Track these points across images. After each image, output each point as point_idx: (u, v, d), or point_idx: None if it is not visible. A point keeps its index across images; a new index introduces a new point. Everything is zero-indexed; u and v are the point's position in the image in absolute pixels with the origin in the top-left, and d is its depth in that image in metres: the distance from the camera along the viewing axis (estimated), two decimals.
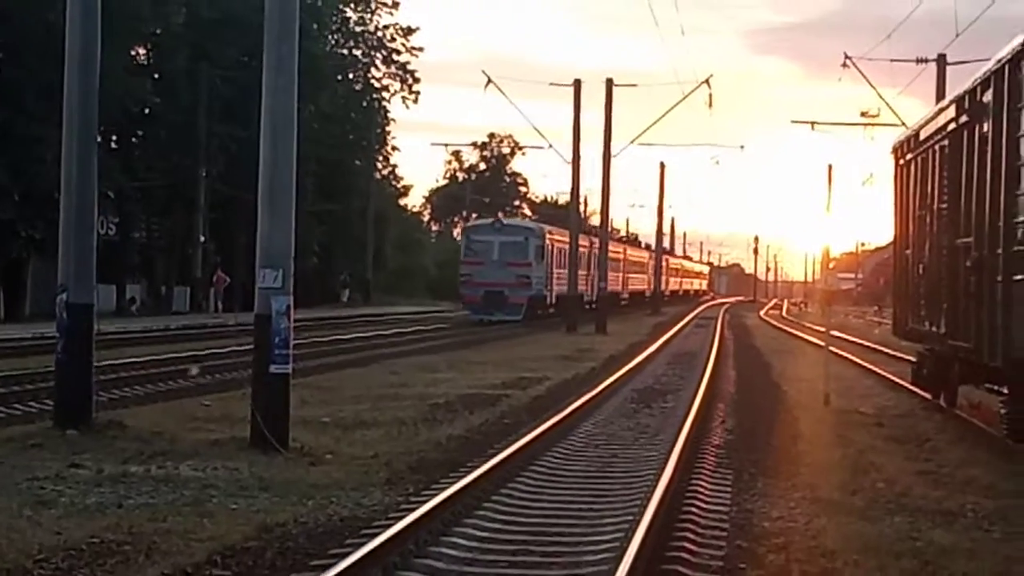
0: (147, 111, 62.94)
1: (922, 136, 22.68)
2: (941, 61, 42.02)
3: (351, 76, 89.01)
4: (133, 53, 58.56)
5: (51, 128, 37.86)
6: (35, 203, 47.94)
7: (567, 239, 65.62)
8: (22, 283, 57.01)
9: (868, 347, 43.46)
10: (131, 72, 56.22)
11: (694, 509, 12.88)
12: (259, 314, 17.17)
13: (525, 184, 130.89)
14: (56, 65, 19.22)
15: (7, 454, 15.94)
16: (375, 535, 10.60)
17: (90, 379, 18.28)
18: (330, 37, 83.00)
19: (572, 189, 63.04)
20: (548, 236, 66.58)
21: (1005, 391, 17.96)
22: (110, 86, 22.19)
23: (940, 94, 37.64)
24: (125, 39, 51.18)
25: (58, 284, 18.45)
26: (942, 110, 21.52)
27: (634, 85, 76.24)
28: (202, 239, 68.05)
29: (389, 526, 11.00)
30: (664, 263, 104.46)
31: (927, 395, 24.09)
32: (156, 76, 63.91)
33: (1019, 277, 15.40)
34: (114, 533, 11.33)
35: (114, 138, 59.31)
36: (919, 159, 22.73)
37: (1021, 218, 15.41)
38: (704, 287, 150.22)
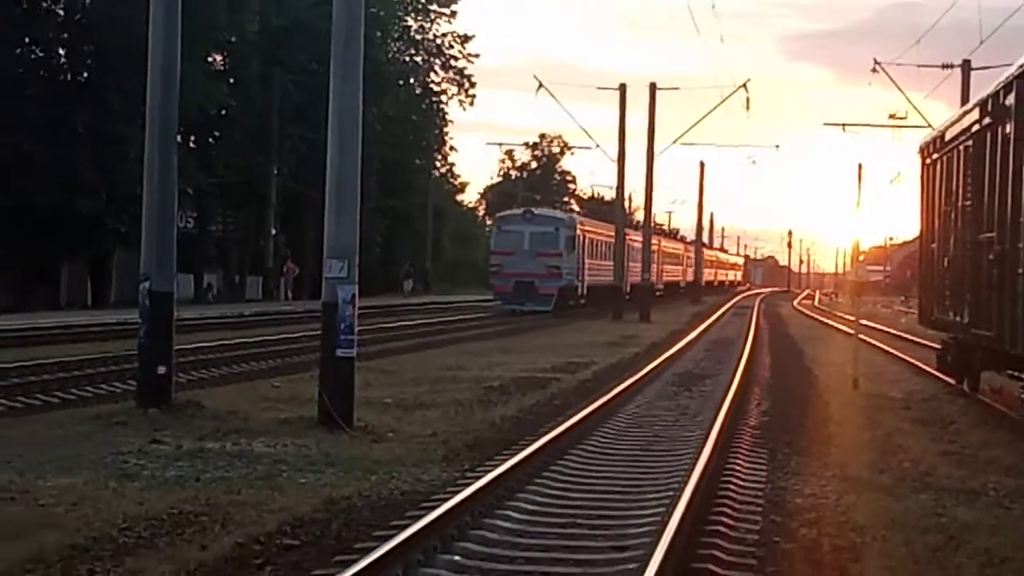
0: (223, 113, 63.25)
1: (947, 137, 22.49)
2: (966, 67, 41.76)
3: (412, 81, 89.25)
4: (211, 60, 58.79)
5: (135, 129, 38.12)
6: (120, 199, 48.17)
7: (602, 231, 65.82)
8: (108, 273, 57.45)
9: (895, 335, 43.17)
10: (209, 77, 56.47)
11: (731, 486, 12.85)
12: (326, 302, 17.23)
13: (573, 181, 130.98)
14: (140, 71, 19.28)
15: (94, 431, 16.08)
16: (433, 508, 10.58)
17: (170, 361, 18.39)
18: (392, 44, 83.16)
19: (617, 187, 62.95)
20: (580, 227, 62.31)
21: None
22: (189, 90, 22.29)
23: (965, 98, 37.28)
24: (203, 47, 51.38)
25: (141, 274, 18.60)
26: (966, 112, 21.35)
27: (676, 88, 75.64)
28: (273, 232, 68.44)
29: (446, 500, 10.98)
30: (699, 254, 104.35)
31: (951, 380, 23.91)
32: (232, 81, 64.20)
33: None
34: (192, 504, 11.39)
35: (193, 138, 59.51)
36: (944, 159, 22.56)
37: None
38: (739, 278, 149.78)
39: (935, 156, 23.64)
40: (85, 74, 53.66)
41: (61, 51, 54.98)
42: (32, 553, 9.37)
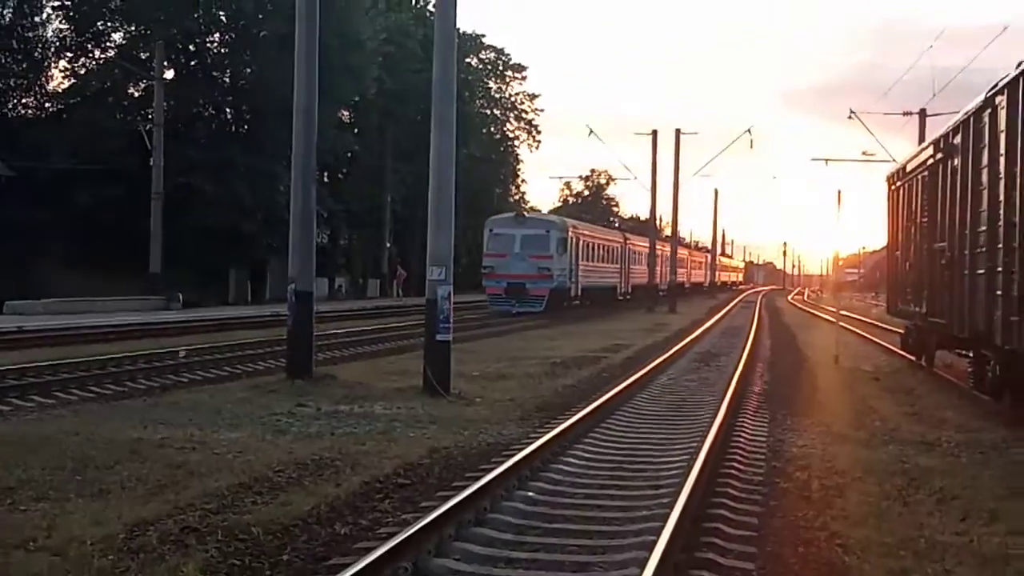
0: (349, 156, 63.68)
1: (908, 168, 22.34)
2: (922, 114, 41.38)
3: (492, 129, 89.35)
4: (340, 115, 59.07)
5: (283, 168, 38.48)
6: (272, 221, 48.55)
7: (600, 235, 58.49)
8: (264, 276, 58.09)
9: (868, 323, 42.73)
10: (338, 128, 56.81)
11: (741, 439, 12.85)
12: (429, 298, 17.33)
13: (616, 206, 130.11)
14: (287, 123, 19.42)
15: (254, 396, 16.25)
16: (511, 455, 10.65)
17: (311, 344, 18.57)
18: (477, 101, 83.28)
19: (651, 209, 62.59)
20: (572, 230, 49.98)
21: (970, 355, 17.76)
22: (324, 138, 22.47)
23: (921, 138, 36.93)
24: (334, 105, 51.62)
25: (289, 277, 18.74)
26: (923, 150, 21.22)
27: (695, 133, 75.40)
28: (387, 245, 69.04)
29: (521, 449, 11.05)
30: (714, 261, 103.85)
31: (912, 358, 23.67)
32: (356, 131, 64.63)
33: (980, 271, 15.08)
34: (328, 452, 11.50)
35: (327, 174, 59.82)
36: (906, 185, 22.42)
37: (981, 228, 15.09)
38: (740, 279, 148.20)
39: (898, 183, 23.50)
40: (246, 126, 54.15)
41: (228, 109, 55.55)
42: (210, 489, 9.51)
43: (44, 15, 54.06)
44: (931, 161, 19.17)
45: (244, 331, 31.82)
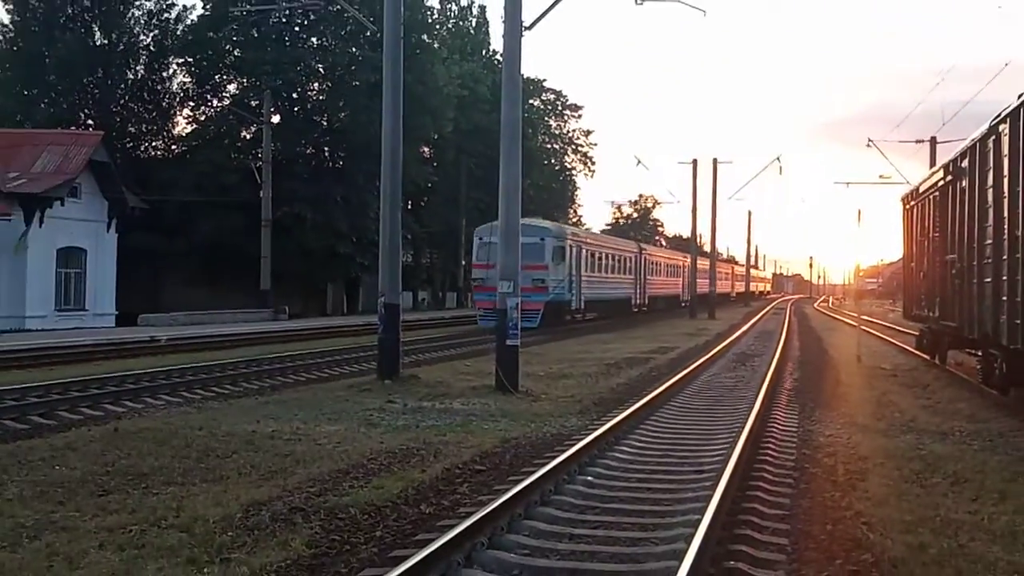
0: (429, 186, 63.94)
1: (921, 190, 22.03)
2: (932, 141, 40.82)
3: (552, 161, 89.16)
4: (421, 151, 59.49)
5: (373, 198, 38.78)
6: (364, 243, 49.06)
7: (609, 244, 49.84)
8: (357, 290, 58.62)
9: (886, 326, 42.08)
10: (419, 163, 57.15)
11: (774, 429, 12.69)
12: (499, 308, 17.34)
13: (661, 226, 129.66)
14: (376, 159, 19.57)
15: (350, 395, 16.35)
16: (572, 445, 10.61)
17: (398, 349, 18.67)
18: (539, 137, 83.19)
19: (692, 229, 62.02)
20: (572, 238, 39.87)
21: (979, 353, 17.42)
22: (407, 172, 22.40)
23: (932, 163, 36.32)
24: (416, 142, 52.07)
25: (379, 291, 18.81)
26: (934, 173, 20.89)
27: (730, 162, 75.13)
28: (463, 263, 69.19)
29: (581, 439, 10.99)
30: (748, 274, 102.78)
31: (926, 357, 23.32)
32: (435, 164, 64.93)
33: (987, 280, 14.80)
34: (414, 443, 11.53)
35: (410, 202, 60.21)
36: (919, 204, 22.10)
37: (987, 241, 14.81)
38: (768, 288, 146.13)
39: (912, 203, 23.17)
40: (340, 162, 54.63)
41: (325, 148, 56.10)
42: (313, 475, 9.58)
43: (171, 71, 55.39)
44: (941, 183, 18.89)
45: (341, 338, 32.13)
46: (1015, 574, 6.62)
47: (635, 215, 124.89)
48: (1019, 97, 13.18)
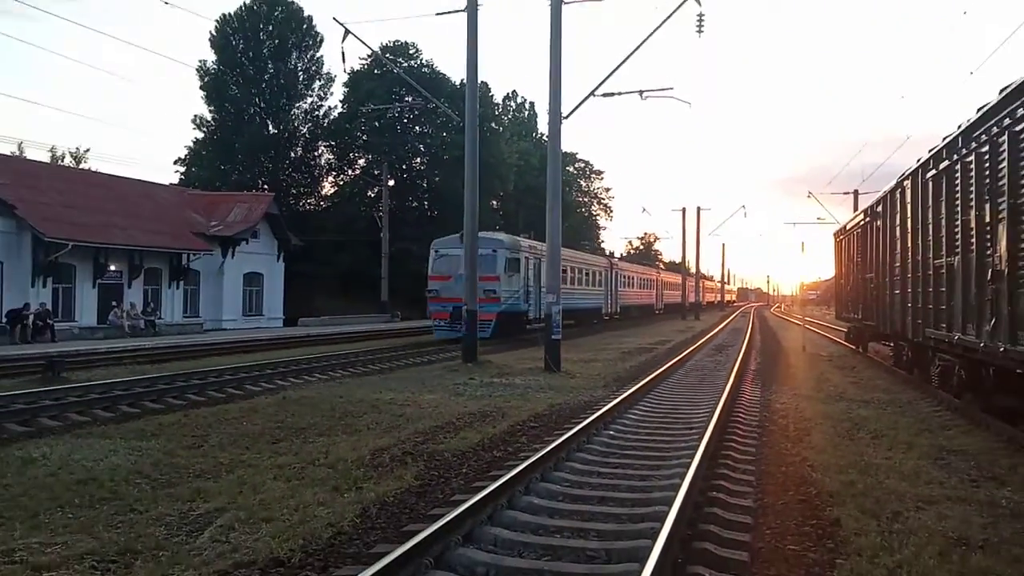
0: (497, 228, 63.74)
1: (847, 227, 21.57)
2: (855, 193, 40.01)
3: (582, 210, 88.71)
4: (492, 204, 59.60)
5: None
6: None
7: (566, 256, 36.46)
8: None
9: (823, 325, 41.16)
10: (490, 212, 57.25)
11: (743, 398, 12.41)
12: (546, 314, 17.27)
13: (660, 255, 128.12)
14: (460, 210, 19.51)
15: (443, 373, 16.37)
16: (599, 408, 10.51)
17: (476, 341, 18.55)
18: (574, 194, 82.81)
19: (681, 257, 61.44)
20: (529, 250, 30.31)
21: (891, 344, 17.05)
22: (482, 218, 22.14)
23: (856, 207, 35.60)
24: (488, 198, 52.33)
25: (463, 303, 18.71)
26: (857, 215, 20.48)
27: (709, 208, 74.02)
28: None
29: (605, 404, 10.89)
30: (713, 286, 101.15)
31: (853, 347, 22.78)
32: (501, 213, 64.90)
33: (896, 291, 14.42)
34: (488, 407, 11.50)
35: None
36: (847, 237, 21.63)
37: (896, 264, 14.44)
38: (735, 298, 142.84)
39: (841, 236, 22.70)
40: (436, 212, 54.92)
41: (426, 202, 56.48)
42: (419, 429, 9.62)
43: (319, 151, 56.12)
44: (863, 222, 18.48)
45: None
46: (919, 501, 6.43)
47: (641, 247, 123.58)
48: (917, 161, 12.86)
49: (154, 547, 5.20)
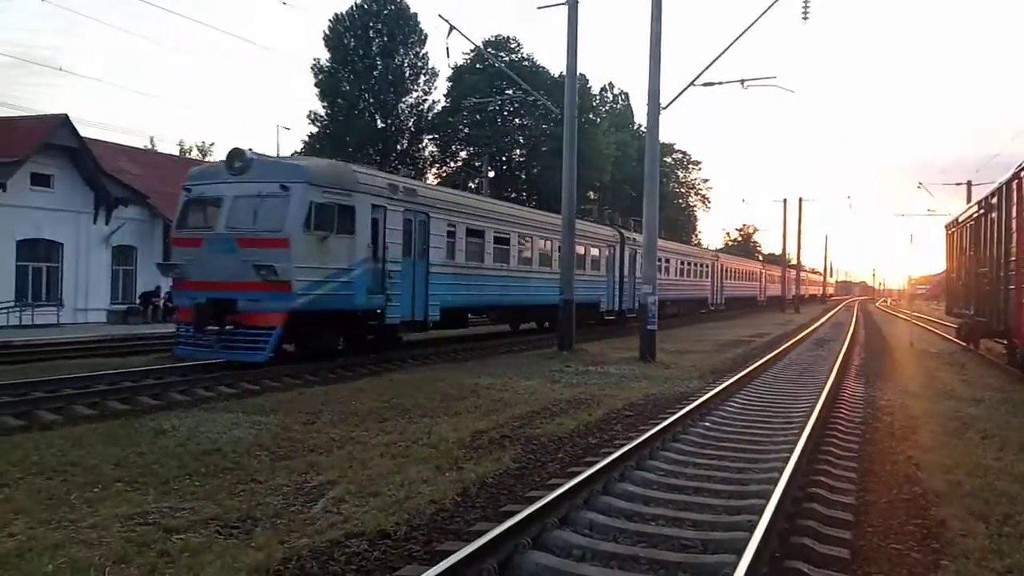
0: (593, 219, 63.51)
1: (960, 219, 20.44)
2: (968, 184, 37.75)
3: (679, 201, 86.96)
4: (588, 194, 59.19)
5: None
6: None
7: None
8: None
9: (932, 320, 39.05)
10: (588, 202, 56.87)
11: (845, 395, 11.96)
12: (641, 304, 17.08)
13: (760, 247, 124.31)
14: (559, 200, 19.39)
15: (539, 360, 16.47)
16: (695, 399, 10.36)
17: (572, 330, 18.41)
18: (671, 185, 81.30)
19: (782, 249, 59.44)
20: (391, 194, 14.18)
21: (1004, 342, 16.08)
22: (579, 208, 22.08)
23: (969, 199, 33.57)
24: (585, 188, 52.05)
25: (559, 291, 18.54)
26: (970, 207, 19.33)
27: (812, 200, 71.16)
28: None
29: (701, 396, 10.73)
30: (815, 279, 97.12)
31: (964, 344, 21.54)
32: (598, 204, 64.44)
33: (1011, 287, 13.56)
34: (583, 395, 11.51)
35: None
36: (959, 230, 20.51)
37: (1012, 258, 13.57)
38: (833, 291, 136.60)
39: (953, 229, 21.50)
40: (535, 202, 54.97)
41: (524, 193, 56.56)
42: (516, 414, 9.72)
43: (424, 143, 57.20)
44: (976, 214, 17.43)
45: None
46: None
47: (740, 238, 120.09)
48: None
49: (272, 515, 5.49)
